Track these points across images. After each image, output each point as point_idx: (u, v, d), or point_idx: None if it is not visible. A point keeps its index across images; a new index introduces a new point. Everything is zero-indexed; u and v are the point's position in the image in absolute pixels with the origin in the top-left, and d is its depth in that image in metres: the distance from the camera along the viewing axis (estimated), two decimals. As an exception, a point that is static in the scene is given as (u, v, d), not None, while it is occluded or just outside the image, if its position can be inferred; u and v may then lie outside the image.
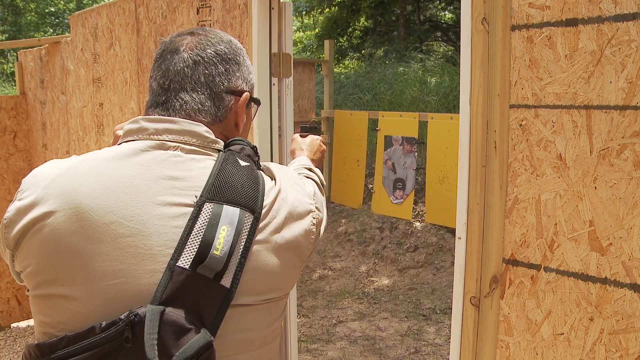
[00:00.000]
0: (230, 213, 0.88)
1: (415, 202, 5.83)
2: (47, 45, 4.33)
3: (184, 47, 1.00)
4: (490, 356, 1.52)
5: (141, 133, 0.95)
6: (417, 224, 5.68)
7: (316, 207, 1.05)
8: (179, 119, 0.96)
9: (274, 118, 2.35)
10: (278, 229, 0.95)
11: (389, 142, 5.95)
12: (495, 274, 1.49)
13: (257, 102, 1.14)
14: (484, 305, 1.52)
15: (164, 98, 0.99)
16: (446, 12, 13.50)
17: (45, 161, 1.08)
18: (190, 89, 0.98)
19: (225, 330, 0.88)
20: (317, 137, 1.77)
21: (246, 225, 0.89)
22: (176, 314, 0.82)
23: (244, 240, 0.88)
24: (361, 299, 4.91)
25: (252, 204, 0.91)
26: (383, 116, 6.23)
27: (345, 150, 6.55)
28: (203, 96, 0.99)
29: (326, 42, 6.92)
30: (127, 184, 0.87)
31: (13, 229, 0.87)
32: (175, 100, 0.98)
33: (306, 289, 5.15)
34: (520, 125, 1.40)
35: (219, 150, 0.98)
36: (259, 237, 0.91)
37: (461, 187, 1.53)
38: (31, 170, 0.94)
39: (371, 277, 5.30)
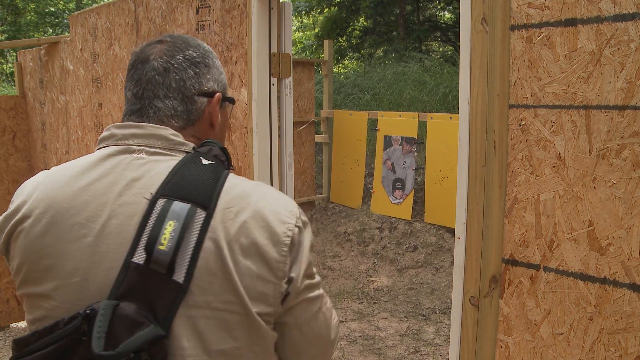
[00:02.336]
0: (179, 208, 0.89)
1: (415, 202, 5.83)
2: (46, 45, 4.33)
3: (153, 56, 1.04)
4: (490, 356, 1.52)
5: (111, 139, 1.01)
6: (417, 223, 5.67)
7: (296, 225, 0.97)
8: (145, 124, 1.01)
9: (273, 118, 2.35)
10: (236, 230, 0.92)
11: (388, 142, 5.97)
12: (495, 273, 1.49)
13: (232, 100, 1.17)
14: (483, 305, 1.52)
15: (138, 106, 1.03)
16: (445, 12, 13.51)
17: (45, 161, 1.11)
18: (163, 95, 1.02)
19: (182, 330, 0.89)
20: None
21: (197, 221, 0.90)
22: (130, 308, 0.85)
23: (196, 236, 0.89)
24: (360, 299, 4.91)
25: (205, 200, 0.91)
26: (382, 116, 6.25)
27: (345, 150, 6.57)
28: (176, 101, 1.03)
29: (325, 42, 6.92)
30: (92, 188, 0.94)
31: (1, 236, 0.96)
32: (149, 108, 1.02)
33: (306, 289, 5.16)
34: (520, 125, 1.40)
35: (186, 152, 1.00)
36: (211, 234, 0.90)
37: (460, 187, 1.53)
38: (31, 171, 0.98)
39: (370, 277, 5.30)
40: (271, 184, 2.37)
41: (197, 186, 0.93)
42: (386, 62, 9.93)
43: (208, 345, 0.91)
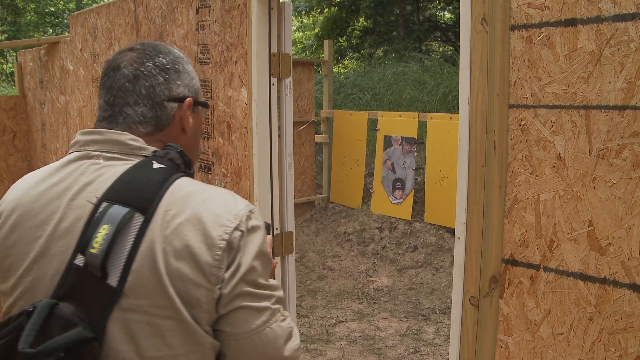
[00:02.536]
0: (115, 212, 0.91)
1: (415, 202, 5.83)
2: (46, 45, 4.33)
3: (124, 64, 1.06)
4: (490, 356, 1.52)
5: (76, 145, 1.05)
6: (417, 223, 5.67)
7: (238, 228, 0.95)
8: (106, 130, 1.04)
9: (273, 118, 2.35)
10: (170, 233, 0.91)
11: (388, 142, 5.97)
12: (495, 274, 1.49)
13: (204, 105, 1.19)
14: (483, 305, 1.52)
15: (109, 113, 1.06)
16: (445, 12, 13.51)
17: (45, 161, 1.15)
18: (133, 102, 1.05)
19: (117, 334, 0.90)
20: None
21: (134, 225, 0.91)
22: (68, 309, 0.88)
23: (132, 240, 0.90)
24: (360, 299, 4.91)
25: (144, 204, 0.92)
26: (382, 116, 6.25)
27: (345, 150, 6.57)
28: (145, 108, 1.05)
29: (325, 42, 6.92)
30: (50, 192, 0.98)
31: None
32: (119, 115, 1.05)
33: (305, 289, 5.15)
34: (520, 125, 1.40)
35: (145, 156, 1.02)
36: (147, 238, 0.91)
37: (460, 187, 1.53)
38: (31, 171, 1.03)
39: (370, 277, 5.30)
40: (271, 184, 2.37)
41: (139, 190, 0.94)
42: (386, 62, 9.93)
43: (142, 351, 0.91)
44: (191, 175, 1.05)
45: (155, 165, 0.99)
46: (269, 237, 1.31)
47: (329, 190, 6.73)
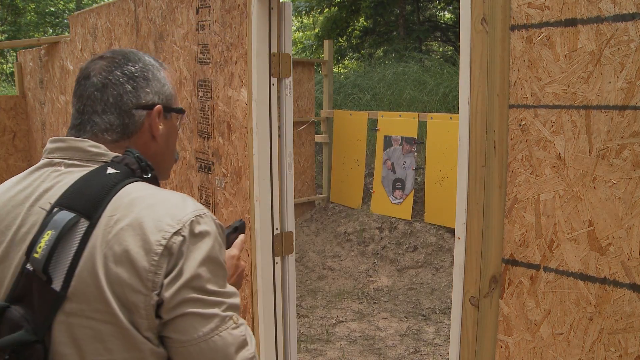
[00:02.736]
0: (60, 218, 0.93)
1: (415, 202, 5.83)
2: (46, 45, 4.33)
3: (94, 72, 1.09)
4: (490, 356, 1.52)
5: (45, 153, 1.08)
6: (417, 223, 5.67)
7: (180, 233, 0.94)
8: (68, 137, 1.06)
9: (273, 118, 2.35)
10: (111, 238, 0.92)
11: (388, 142, 5.97)
12: (495, 273, 1.49)
13: (178, 111, 1.19)
14: (483, 305, 1.52)
15: (79, 121, 1.09)
16: (445, 12, 13.51)
17: None
18: (101, 110, 1.07)
19: (61, 337, 0.92)
20: (232, 253, 1.25)
21: (79, 230, 0.93)
22: (18, 312, 0.92)
23: (76, 245, 0.92)
24: (360, 299, 4.91)
25: (89, 210, 0.94)
26: (382, 116, 6.25)
27: (345, 151, 6.57)
28: (112, 116, 1.07)
29: (325, 42, 6.92)
30: (14, 199, 1.02)
31: None
32: (87, 123, 1.08)
33: (305, 289, 5.15)
34: (520, 125, 1.40)
35: (105, 162, 1.04)
36: (91, 243, 0.92)
37: (460, 187, 1.53)
38: None
39: (370, 277, 5.30)
40: (271, 184, 2.37)
41: (87, 196, 0.96)
42: (386, 62, 9.93)
43: (84, 355, 0.92)
44: (149, 180, 1.05)
45: (110, 170, 1.00)
46: (242, 236, 1.30)
47: (329, 190, 6.73)
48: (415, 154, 5.74)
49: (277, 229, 2.42)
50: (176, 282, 0.92)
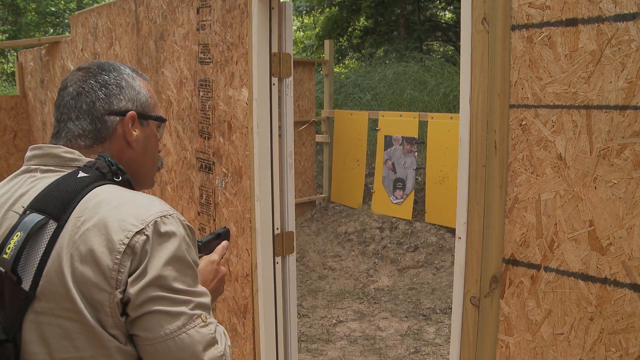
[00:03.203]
0: (29, 220, 0.96)
1: (415, 202, 5.82)
2: (47, 45, 4.33)
3: (70, 83, 1.14)
4: (490, 356, 1.52)
5: (25, 160, 1.12)
6: (417, 223, 5.67)
7: (143, 232, 0.96)
8: (44, 145, 1.11)
9: (274, 118, 2.35)
10: (77, 238, 0.95)
11: (389, 142, 5.97)
12: (495, 273, 1.49)
13: (158, 118, 1.22)
14: (484, 305, 1.52)
15: (57, 129, 1.13)
16: (446, 12, 13.50)
17: None
18: (75, 117, 1.11)
19: (30, 336, 0.95)
20: (212, 258, 1.27)
21: (47, 232, 0.96)
22: None
23: (44, 246, 0.95)
24: (361, 299, 4.91)
25: (58, 212, 0.97)
26: (383, 116, 6.25)
27: (345, 150, 6.57)
28: (85, 122, 1.11)
29: (326, 42, 6.92)
30: None
31: None
32: (63, 130, 1.12)
33: (306, 289, 5.15)
34: (520, 125, 1.40)
35: (78, 167, 1.07)
36: (58, 243, 0.95)
37: (461, 187, 1.53)
38: None
39: (371, 277, 5.30)
40: (272, 184, 2.37)
41: (56, 198, 0.99)
42: (387, 61, 9.92)
43: (52, 353, 0.95)
44: (121, 184, 1.08)
45: (80, 174, 1.04)
46: (224, 243, 1.33)
47: (330, 190, 6.73)
48: (416, 153, 5.74)
49: (277, 228, 2.42)
50: (140, 280, 0.95)
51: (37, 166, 1.08)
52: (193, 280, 1.02)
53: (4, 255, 0.94)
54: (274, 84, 2.33)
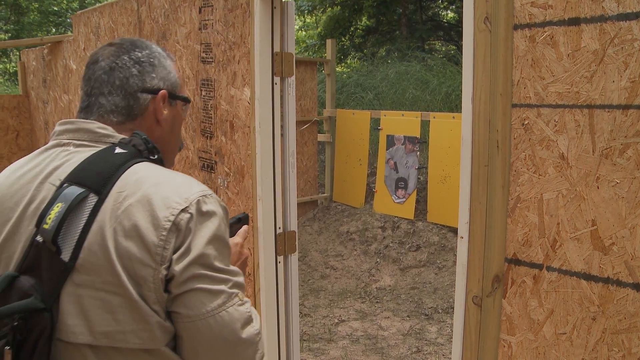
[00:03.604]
0: (70, 192, 0.97)
1: (418, 201, 5.82)
2: (49, 44, 4.34)
3: (102, 57, 1.13)
4: (492, 355, 1.52)
5: (53, 135, 1.12)
6: (419, 223, 5.67)
7: (186, 211, 0.97)
8: (77, 120, 1.11)
9: (276, 117, 2.35)
10: (120, 213, 0.96)
11: (391, 141, 5.96)
12: (498, 273, 1.49)
13: (185, 99, 1.23)
14: (486, 304, 1.52)
15: (86, 103, 1.13)
16: (448, 12, 13.48)
17: None
18: (107, 92, 1.11)
19: (69, 308, 0.95)
20: (236, 241, 1.29)
21: (88, 205, 0.96)
22: (27, 281, 0.95)
23: (85, 218, 0.95)
24: (363, 298, 4.91)
25: (98, 186, 0.98)
26: (385, 115, 6.25)
27: (347, 150, 6.57)
28: (118, 98, 1.11)
29: (328, 42, 6.92)
30: (24, 177, 1.05)
31: None
32: (94, 105, 1.12)
33: (308, 288, 5.15)
34: (523, 124, 1.40)
35: (112, 144, 1.07)
36: (100, 217, 0.96)
37: (463, 187, 1.53)
38: None
39: (373, 276, 5.30)
40: (274, 183, 2.37)
41: (96, 172, 1.00)
42: (389, 61, 9.91)
43: (92, 326, 0.95)
44: (155, 162, 1.09)
45: (117, 150, 1.04)
46: (245, 227, 1.35)
47: (332, 190, 6.73)
48: (418, 153, 5.73)
49: (279, 228, 2.42)
50: (185, 258, 0.96)
51: (70, 140, 1.08)
52: (229, 260, 1.04)
53: (45, 226, 0.94)
54: (276, 84, 2.33)
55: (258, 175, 2.33)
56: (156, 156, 1.09)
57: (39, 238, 0.96)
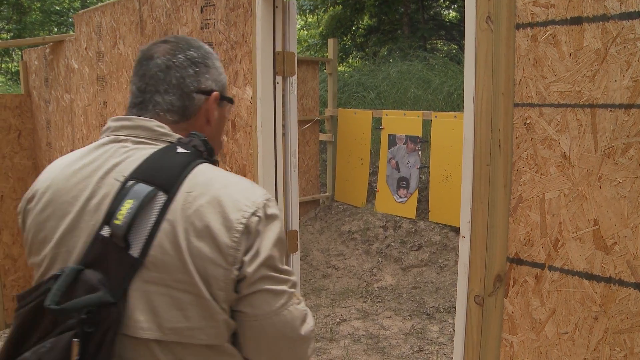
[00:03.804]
0: (140, 189, 0.97)
1: (419, 201, 5.82)
2: (51, 43, 4.34)
3: (157, 54, 1.12)
4: (494, 355, 1.51)
5: (107, 131, 1.12)
6: (421, 222, 5.66)
7: (255, 214, 1.00)
8: (134, 117, 1.10)
9: (277, 117, 2.35)
10: (191, 213, 0.97)
11: (392, 140, 5.96)
12: (500, 272, 1.49)
13: (230, 100, 1.24)
14: (488, 304, 1.52)
15: (140, 99, 1.12)
16: (450, 11, 13.47)
17: (50, 159, 1.19)
18: (163, 90, 1.11)
19: (137, 303, 0.96)
20: None
21: (157, 203, 0.97)
22: (93, 275, 0.95)
23: (155, 216, 0.96)
24: (365, 298, 4.91)
25: (167, 184, 0.98)
26: (387, 115, 6.24)
27: (349, 149, 6.57)
28: (174, 97, 1.11)
29: (330, 41, 6.91)
30: (81, 171, 1.05)
31: (21, 214, 1.10)
32: (149, 102, 1.11)
33: (310, 288, 5.15)
34: (525, 123, 1.40)
35: (170, 142, 1.08)
36: (170, 216, 0.96)
37: (465, 186, 1.53)
38: (36, 169, 1.11)
39: (375, 275, 5.30)
40: (275, 183, 2.37)
41: (163, 171, 1.00)
42: (390, 60, 9.91)
43: (161, 322, 0.96)
44: (213, 163, 1.10)
45: (179, 150, 1.05)
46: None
47: (334, 189, 6.73)
48: (420, 152, 5.73)
49: (281, 227, 2.42)
50: (256, 260, 0.98)
51: (128, 137, 1.08)
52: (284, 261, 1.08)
53: (116, 222, 0.95)
54: (277, 83, 2.33)
55: (260, 175, 2.33)
56: (214, 158, 1.11)
57: (104, 232, 0.97)
